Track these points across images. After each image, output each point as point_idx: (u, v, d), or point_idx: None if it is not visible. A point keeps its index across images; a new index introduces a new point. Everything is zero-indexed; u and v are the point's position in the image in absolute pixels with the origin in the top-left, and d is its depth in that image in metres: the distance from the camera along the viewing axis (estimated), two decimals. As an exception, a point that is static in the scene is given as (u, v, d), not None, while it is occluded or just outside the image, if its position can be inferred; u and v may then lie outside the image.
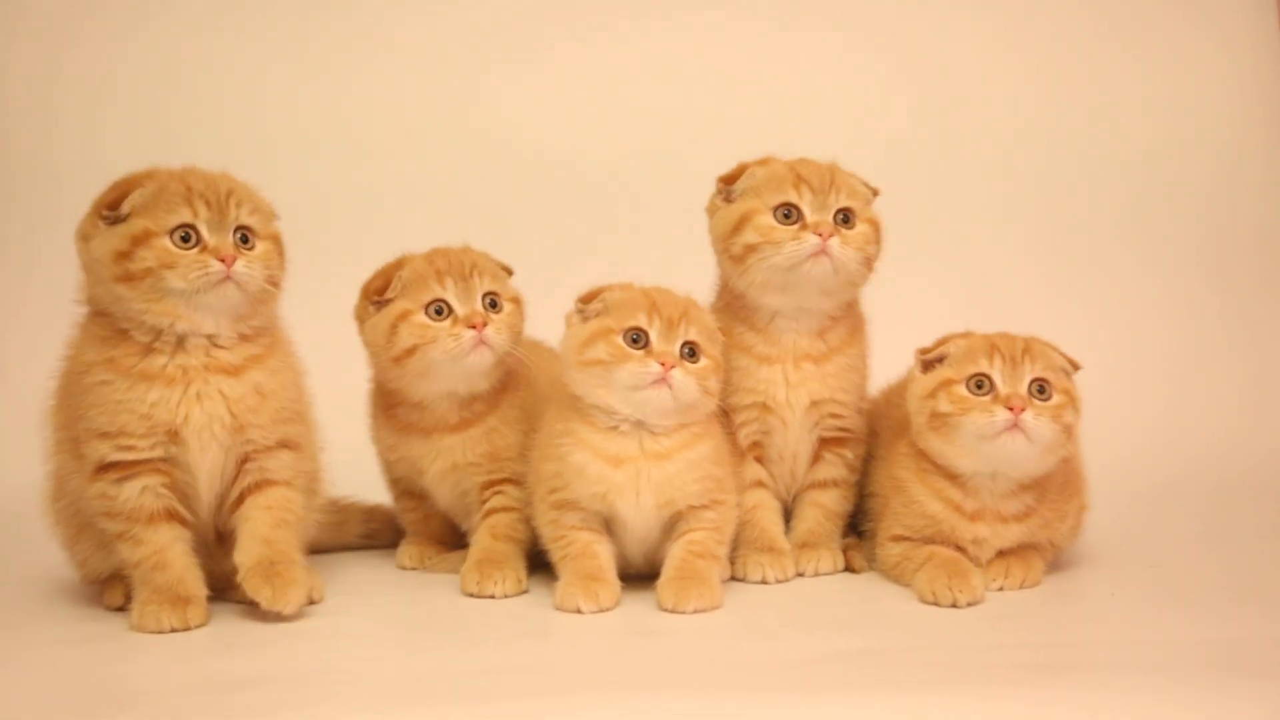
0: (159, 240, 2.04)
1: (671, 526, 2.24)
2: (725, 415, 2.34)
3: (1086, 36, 3.69)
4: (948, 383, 2.19)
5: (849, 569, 2.41)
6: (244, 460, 2.14)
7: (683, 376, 2.15)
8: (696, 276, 2.43)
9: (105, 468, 2.09)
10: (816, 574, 2.39)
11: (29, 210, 3.53)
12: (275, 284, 2.14)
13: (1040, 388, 2.16)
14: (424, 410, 2.38)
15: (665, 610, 2.16)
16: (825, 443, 2.42)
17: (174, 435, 2.08)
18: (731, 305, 2.39)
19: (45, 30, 3.58)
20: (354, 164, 3.60)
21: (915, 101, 3.68)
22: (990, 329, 2.26)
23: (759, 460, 2.41)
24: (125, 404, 2.06)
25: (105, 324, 2.09)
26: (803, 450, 2.42)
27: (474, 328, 2.26)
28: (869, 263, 2.34)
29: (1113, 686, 1.77)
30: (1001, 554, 2.25)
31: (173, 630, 2.09)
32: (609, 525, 2.24)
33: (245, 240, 2.10)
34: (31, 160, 3.56)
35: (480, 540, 2.38)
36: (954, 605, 2.15)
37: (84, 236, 2.08)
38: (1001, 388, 2.15)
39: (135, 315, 2.06)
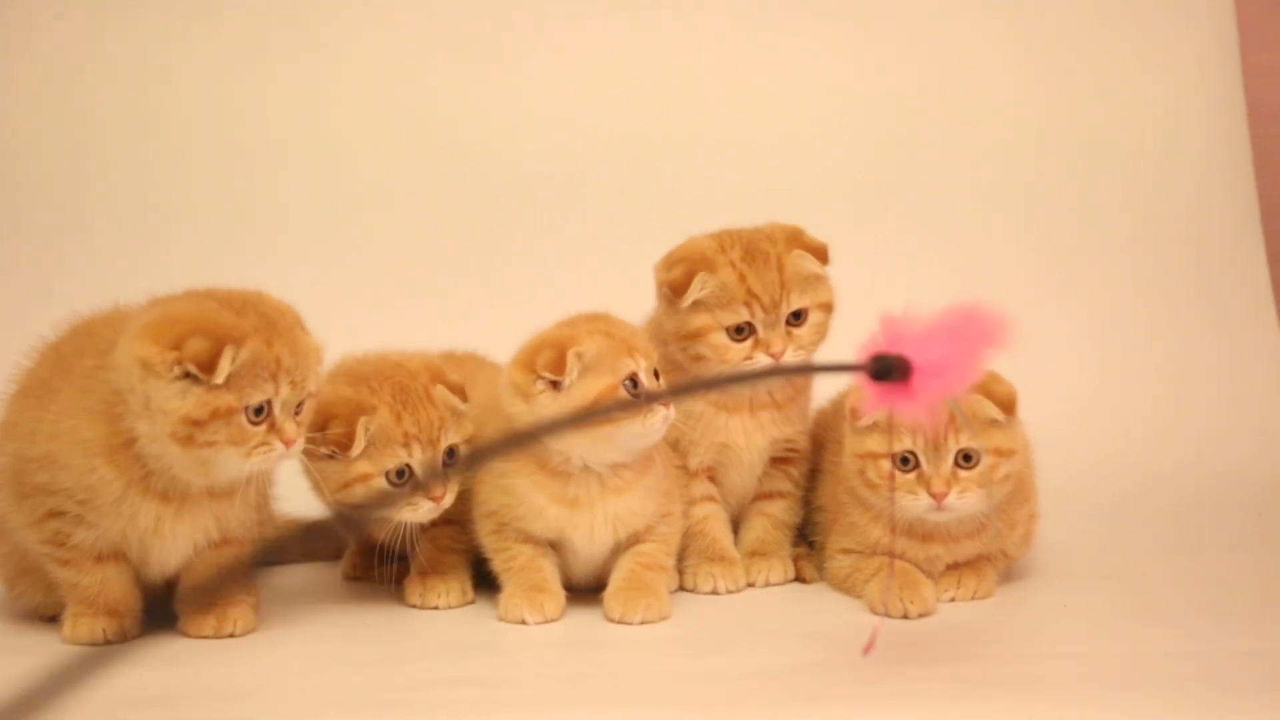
0: (237, 418, 1.90)
1: (622, 545, 2.21)
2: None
3: (1074, 32, 3.68)
4: (874, 455, 2.16)
5: (799, 579, 2.39)
6: None
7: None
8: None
9: (60, 514, 2.01)
10: (768, 584, 2.36)
11: None
12: None
13: (966, 456, 2.12)
14: None
15: (612, 621, 2.13)
16: (773, 461, 2.42)
17: (143, 543, 2.02)
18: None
19: (7, 30, 3.51)
20: (327, 163, 3.54)
21: (900, 94, 3.64)
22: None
23: (711, 479, 2.39)
24: (109, 505, 1.97)
25: (119, 418, 1.94)
26: (753, 479, 2.42)
27: (434, 500, 2.17)
28: (821, 338, 2.32)
29: (1062, 698, 1.75)
30: (953, 565, 2.24)
31: (107, 641, 2.04)
32: (555, 544, 2.20)
33: (301, 407, 1.99)
34: None
35: (423, 551, 2.33)
36: (905, 616, 2.12)
37: (145, 367, 1.88)
38: (925, 468, 2.12)
39: (163, 467, 1.94)
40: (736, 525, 2.44)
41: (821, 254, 2.29)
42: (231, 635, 2.07)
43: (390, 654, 2.04)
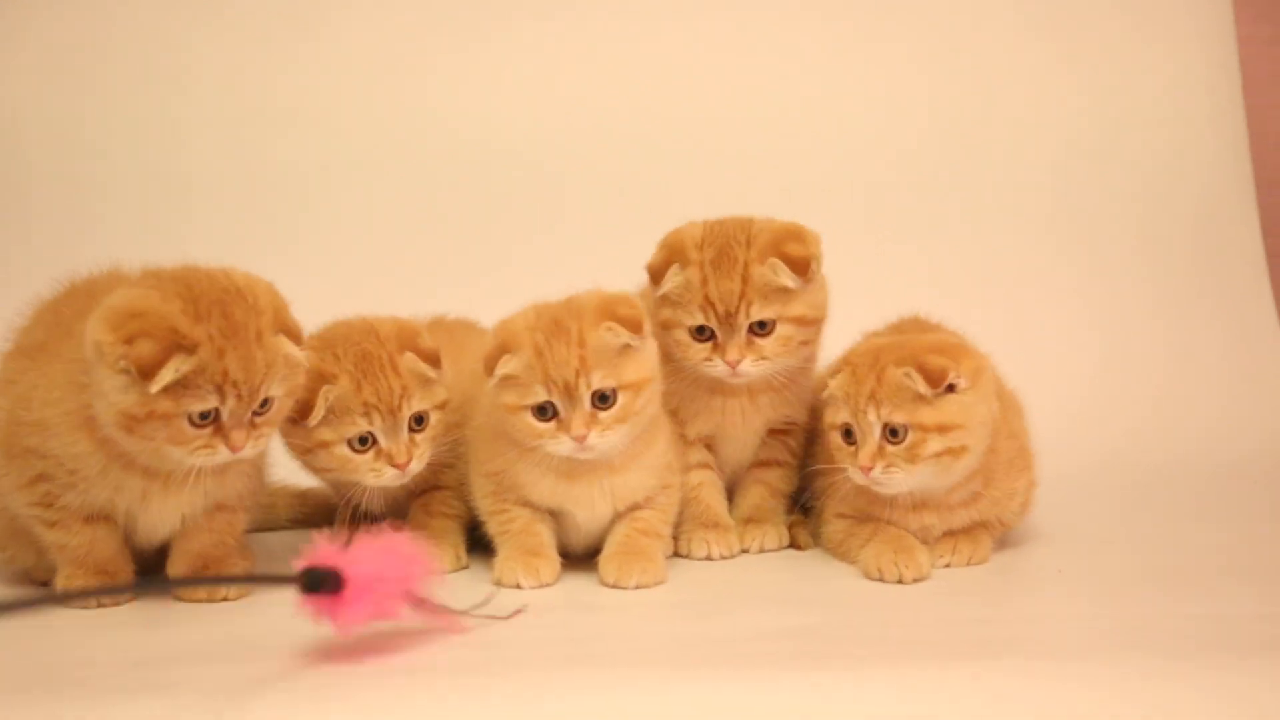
0: (178, 421, 1.89)
1: (620, 514, 2.20)
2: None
3: (1073, 30, 3.68)
4: (830, 427, 2.18)
5: (794, 546, 2.39)
6: None
7: (599, 436, 2.06)
8: None
9: (47, 477, 2.00)
10: (761, 550, 2.36)
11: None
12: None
13: (893, 430, 2.10)
14: None
15: (607, 585, 2.12)
16: (771, 432, 2.41)
17: (131, 515, 2.02)
18: None
19: (14, 14, 3.49)
20: (326, 151, 3.53)
21: (908, 90, 3.64)
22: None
23: (707, 447, 2.39)
24: (95, 478, 1.97)
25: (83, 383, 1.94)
26: (750, 449, 2.41)
27: (396, 467, 2.17)
28: (802, 348, 2.28)
29: (1055, 662, 1.74)
30: (950, 532, 2.23)
31: (100, 606, 2.03)
32: (553, 512, 2.19)
33: (265, 406, 1.96)
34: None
35: (415, 517, 2.32)
36: (899, 581, 2.12)
37: (98, 352, 1.87)
38: (859, 443, 2.13)
39: (133, 452, 1.93)
40: (732, 492, 2.44)
41: (800, 266, 2.21)
42: (225, 599, 2.06)
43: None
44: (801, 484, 2.44)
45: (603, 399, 2.06)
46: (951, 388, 2.09)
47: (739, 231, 2.25)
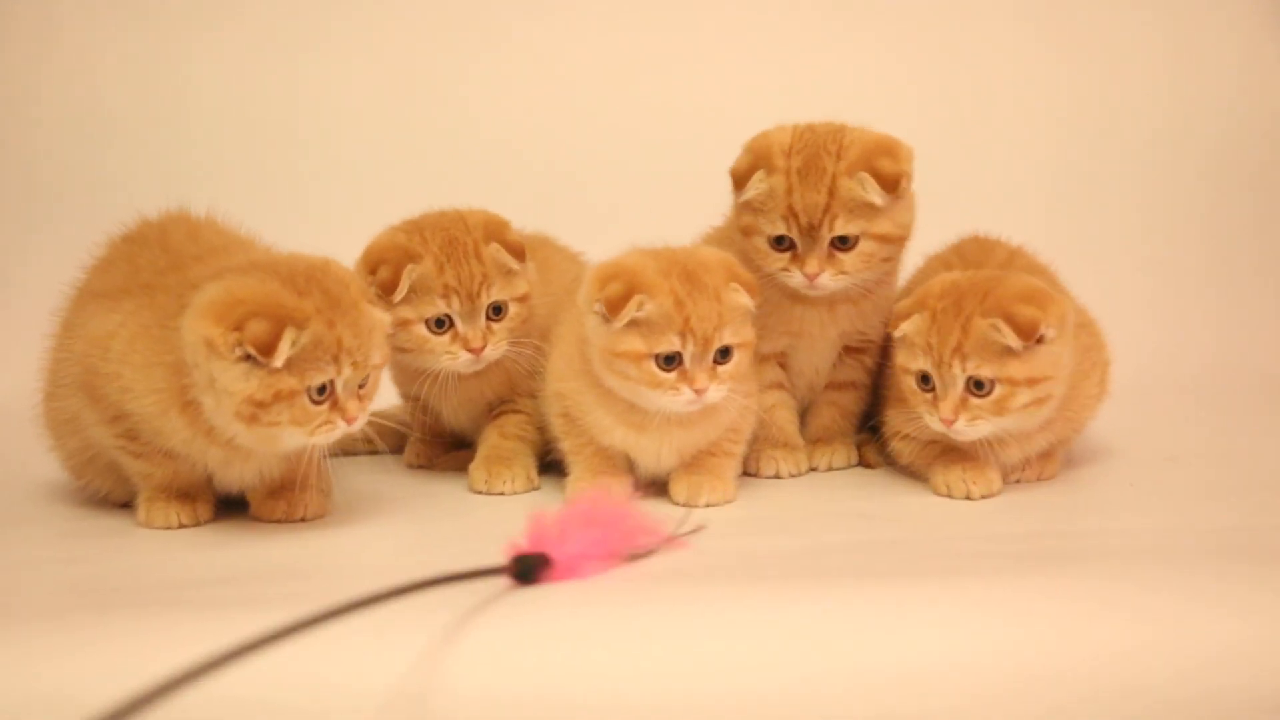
0: (300, 399, 1.90)
1: None
2: None
3: (1099, 13, 3.61)
4: (904, 371, 2.14)
5: (863, 463, 2.39)
6: None
7: (715, 390, 2.06)
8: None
9: (129, 415, 2.02)
10: (830, 468, 2.37)
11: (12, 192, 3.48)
12: None
13: (978, 383, 2.05)
14: None
15: (678, 504, 2.14)
16: (846, 350, 2.39)
17: (208, 471, 2.06)
18: None
19: (29, 20, 3.50)
20: (339, 149, 3.54)
21: (918, 69, 3.60)
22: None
23: (781, 365, 2.38)
24: (178, 444, 1.99)
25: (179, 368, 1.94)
26: (827, 361, 2.39)
27: (472, 351, 2.23)
28: (885, 262, 2.25)
29: (1131, 573, 1.74)
30: None
31: (181, 525, 2.07)
32: None
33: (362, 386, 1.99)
34: (15, 145, 3.50)
35: (488, 438, 2.35)
36: (968, 498, 2.13)
37: (210, 348, 1.87)
38: (939, 392, 2.09)
39: (228, 436, 1.95)
40: (804, 414, 2.44)
41: (890, 183, 2.16)
42: (302, 519, 2.10)
43: (457, 536, 2.05)
44: (871, 405, 2.44)
45: (724, 353, 2.07)
46: (1041, 339, 2.04)
47: (830, 141, 2.20)
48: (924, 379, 2.11)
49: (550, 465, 2.32)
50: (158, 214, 2.22)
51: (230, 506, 2.13)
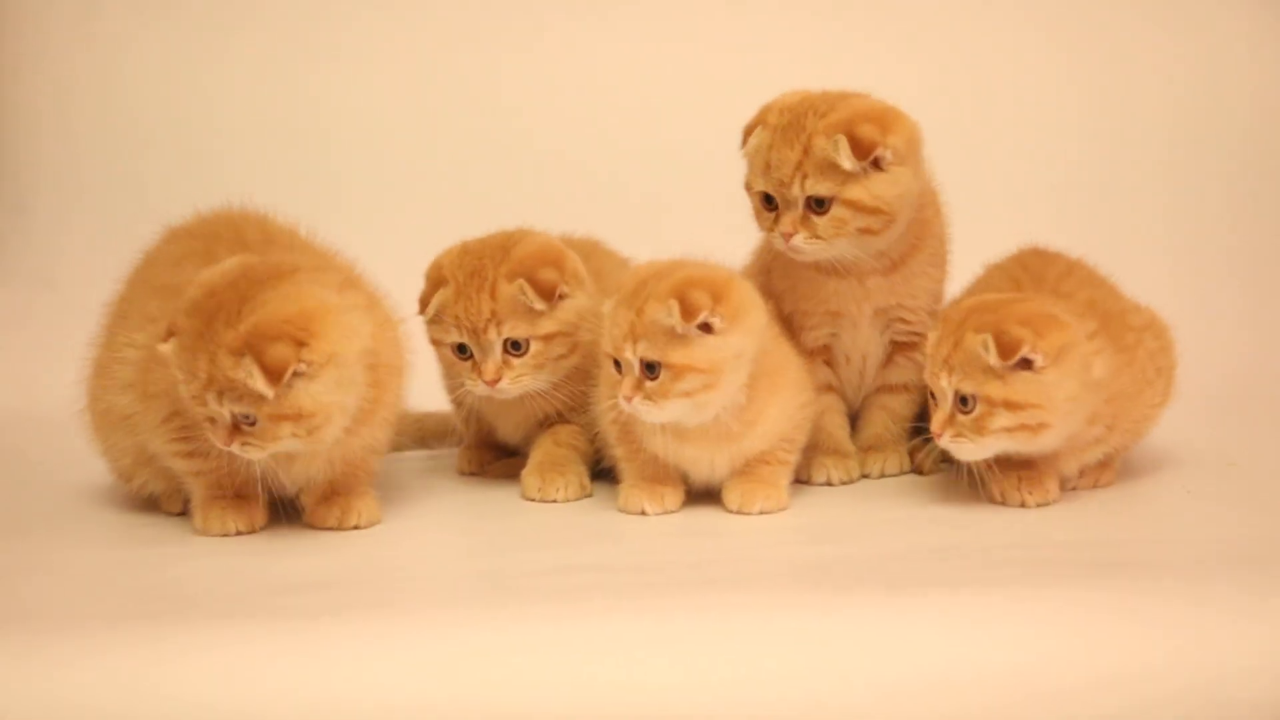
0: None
1: None
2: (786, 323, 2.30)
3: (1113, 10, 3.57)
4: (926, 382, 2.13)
5: (916, 470, 2.38)
6: None
7: (641, 403, 2.03)
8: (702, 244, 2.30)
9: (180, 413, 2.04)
10: (883, 475, 2.35)
11: (49, 191, 3.49)
12: None
13: (963, 400, 2.03)
14: None
15: (730, 511, 2.13)
16: (897, 346, 2.36)
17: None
18: None
19: (52, 22, 3.52)
20: (359, 150, 3.53)
21: (928, 65, 3.54)
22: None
23: (828, 363, 2.36)
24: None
25: None
26: (873, 352, 2.36)
27: (486, 384, 2.24)
28: (868, 233, 2.19)
29: (1189, 582, 1.73)
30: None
31: (238, 533, 2.08)
32: None
33: None
34: (50, 146, 3.51)
35: (542, 445, 2.34)
36: (1023, 505, 2.10)
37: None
38: (933, 409, 2.09)
39: None
40: (854, 418, 2.42)
41: (864, 148, 2.12)
42: (356, 527, 2.10)
43: (512, 543, 2.06)
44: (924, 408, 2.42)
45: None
46: (1028, 364, 1.99)
47: (823, 102, 2.20)
48: (933, 395, 2.10)
49: (601, 473, 2.32)
50: (223, 209, 2.24)
51: (285, 514, 2.14)
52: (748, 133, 2.25)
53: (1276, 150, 3.48)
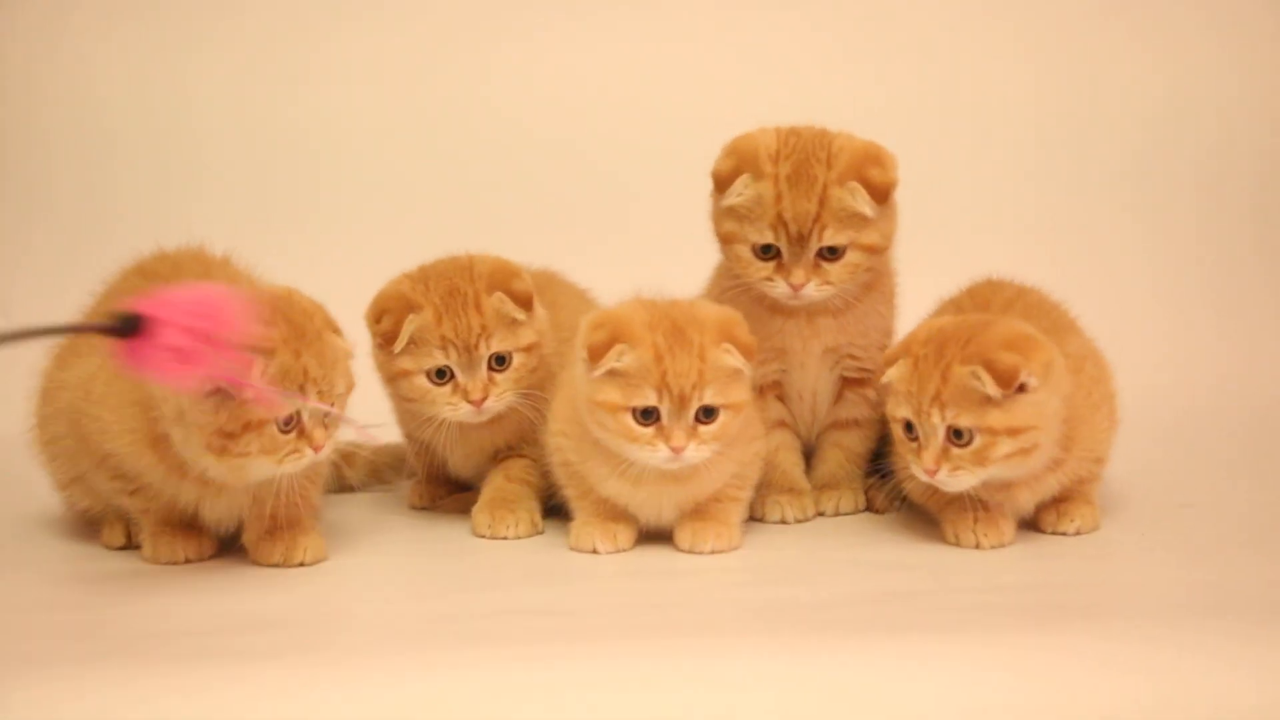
0: (269, 428, 1.90)
1: None
2: None
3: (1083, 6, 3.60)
4: (891, 419, 2.09)
5: (871, 509, 2.36)
6: None
7: (695, 450, 2.01)
8: (695, 256, 2.37)
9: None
10: (837, 513, 2.33)
11: (16, 198, 3.47)
12: None
13: (957, 433, 2.00)
14: None
15: (683, 550, 2.11)
16: (847, 383, 2.35)
17: (194, 509, 2.05)
18: None
19: (35, 19, 3.50)
20: (350, 150, 3.53)
21: (911, 64, 3.58)
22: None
23: (779, 399, 2.35)
24: (154, 481, 2.01)
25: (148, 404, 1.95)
26: (823, 388, 2.35)
27: (472, 403, 2.21)
28: (867, 274, 2.22)
29: (1133, 631, 1.72)
30: (1060, 497, 2.17)
31: (187, 560, 2.06)
32: None
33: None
34: (20, 150, 3.49)
35: (493, 481, 2.32)
36: (977, 547, 2.09)
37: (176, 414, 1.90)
38: (922, 440, 2.03)
39: (191, 464, 1.95)
40: (808, 453, 2.41)
41: (881, 193, 2.14)
42: (301, 564, 2.07)
43: (460, 583, 2.03)
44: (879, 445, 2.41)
45: (708, 413, 2.03)
46: (1023, 387, 1.98)
47: (818, 147, 2.17)
48: (908, 427, 2.06)
49: (554, 509, 2.29)
50: (174, 248, 2.22)
51: (237, 549, 2.11)
52: (726, 180, 2.19)
53: (1232, 193, 3.52)
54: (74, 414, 2.04)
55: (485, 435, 2.32)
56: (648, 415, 2.01)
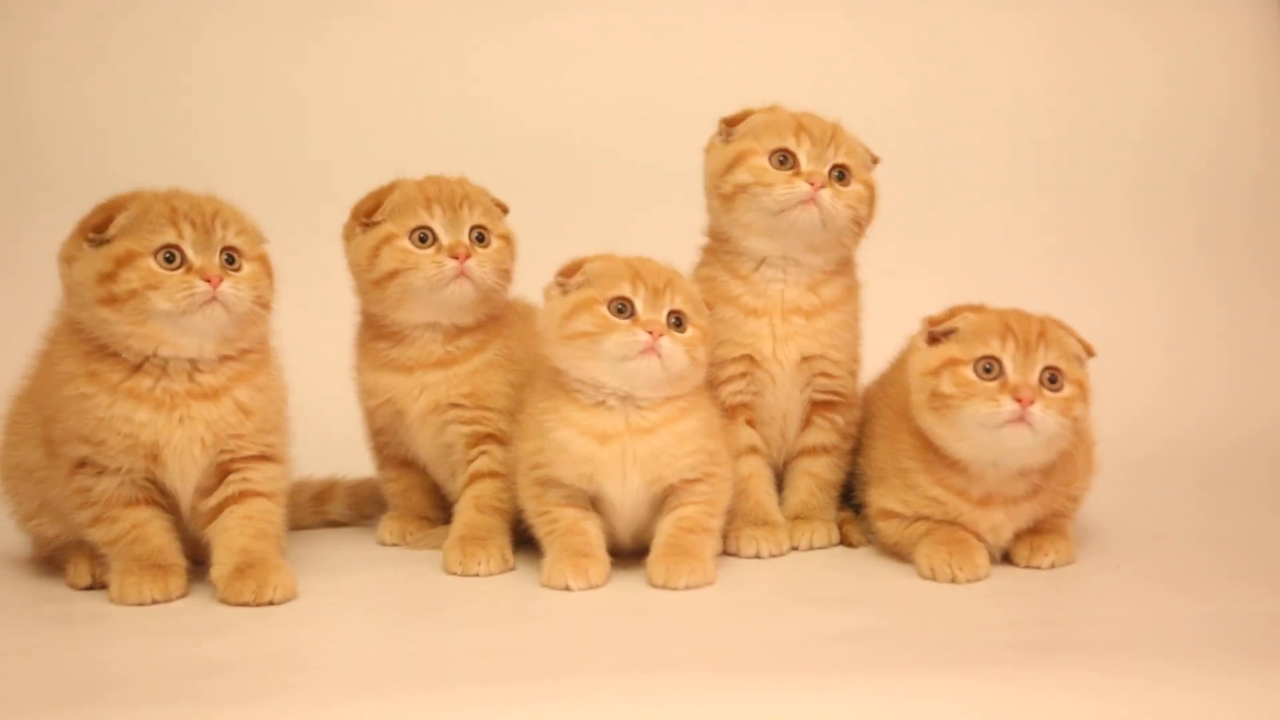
0: (143, 261, 1.98)
1: (661, 502, 2.16)
2: (710, 384, 2.28)
3: (1087, 7, 3.62)
4: (953, 362, 2.06)
5: (845, 543, 2.35)
6: (225, 472, 2.09)
7: (671, 345, 2.07)
8: (688, 245, 2.40)
9: (83, 464, 2.05)
10: (811, 547, 2.33)
11: (9, 185, 3.45)
12: (264, 305, 2.08)
13: (1052, 377, 2.03)
14: (406, 344, 2.32)
15: (656, 586, 2.09)
16: (816, 406, 2.36)
17: (154, 457, 2.04)
18: (718, 252, 2.35)
19: (31, 16, 3.49)
20: (342, 134, 3.52)
21: (911, 68, 3.60)
22: (997, 303, 2.14)
23: (749, 423, 2.34)
24: (107, 421, 2.02)
25: (88, 338, 2.03)
26: (793, 409, 2.35)
27: (456, 258, 2.24)
28: (859, 224, 2.30)
29: (1117, 665, 1.72)
30: (1035, 531, 2.18)
31: (154, 601, 2.04)
32: (596, 503, 2.17)
33: (231, 261, 2.04)
34: (13, 137, 3.47)
35: (463, 514, 2.30)
36: (953, 581, 2.08)
37: (67, 259, 2.03)
38: (1011, 375, 2.02)
39: (119, 339, 2.00)
40: (779, 479, 2.40)
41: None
42: (271, 603, 2.04)
43: (431, 623, 2.01)
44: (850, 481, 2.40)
45: (678, 323, 2.10)
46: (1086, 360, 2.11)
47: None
48: (986, 368, 2.05)
49: (526, 541, 2.27)
50: None
51: (205, 584, 2.09)
52: (740, 115, 2.33)
53: (1207, 228, 3.55)
54: (44, 427, 2.09)
55: (443, 389, 2.32)
56: (621, 310, 2.08)
